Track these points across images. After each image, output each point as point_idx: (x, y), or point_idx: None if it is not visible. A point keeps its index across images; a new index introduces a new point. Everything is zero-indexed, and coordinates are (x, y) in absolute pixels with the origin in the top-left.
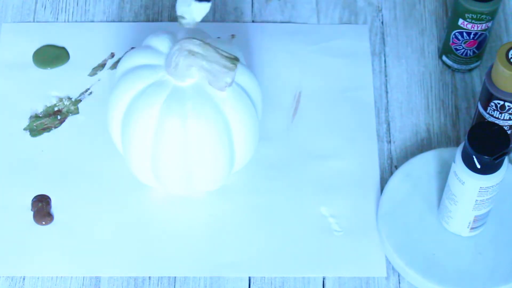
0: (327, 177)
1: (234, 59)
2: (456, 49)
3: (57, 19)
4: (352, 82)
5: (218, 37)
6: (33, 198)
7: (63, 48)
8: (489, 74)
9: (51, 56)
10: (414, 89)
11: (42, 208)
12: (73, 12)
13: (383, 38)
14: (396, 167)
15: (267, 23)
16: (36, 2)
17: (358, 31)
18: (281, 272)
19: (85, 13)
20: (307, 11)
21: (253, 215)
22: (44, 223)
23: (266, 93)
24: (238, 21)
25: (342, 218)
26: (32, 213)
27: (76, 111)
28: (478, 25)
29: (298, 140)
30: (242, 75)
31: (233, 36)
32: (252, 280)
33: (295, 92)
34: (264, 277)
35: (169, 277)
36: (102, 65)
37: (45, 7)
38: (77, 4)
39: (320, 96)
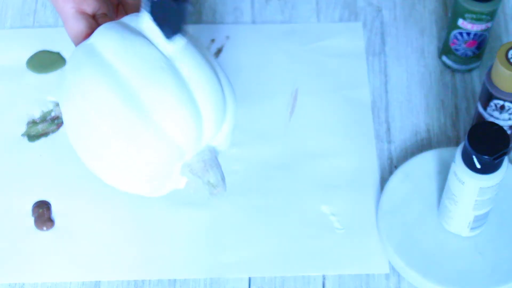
0: (326, 175)
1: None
2: (456, 49)
3: (57, 19)
4: (348, 80)
5: (213, 40)
6: (34, 204)
7: (58, 53)
8: (489, 74)
9: (46, 62)
10: (414, 89)
11: (43, 213)
12: None
13: (383, 38)
14: (396, 167)
15: (263, 24)
16: (36, 2)
17: (352, 28)
18: (281, 272)
19: None
20: (307, 11)
21: (253, 215)
22: (45, 228)
23: (263, 93)
24: (238, 21)
25: (343, 216)
26: (32, 219)
27: None
28: (478, 25)
29: (296, 139)
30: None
31: (226, 38)
32: (252, 280)
33: (291, 91)
34: (264, 277)
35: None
36: None
37: (45, 7)
38: None
39: (316, 95)
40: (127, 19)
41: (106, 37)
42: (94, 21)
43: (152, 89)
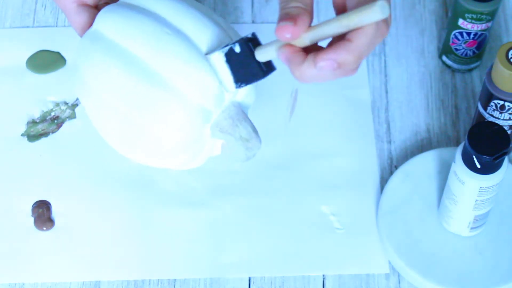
0: (326, 175)
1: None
2: (456, 49)
3: (57, 19)
4: (348, 80)
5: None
6: (33, 204)
7: (58, 53)
8: (489, 74)
9: (46, 61)
10: (414, 89)
11: (42, 213)
12: None
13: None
14: (396, 167)
15: (263, 24)
16: (36, 2)
17: None
18: (282, 272)
19: None
20: None
21: (253, 215)
22: (45, 228)
23: (263, 93)
24: (238, 21)
25: (343, 216)
26: (32, 219)
27: (73, 116)
28: (478, 25)
29: (296, 139)
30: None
31: None
32: (252, 280)
33: (291, 91)
34: (264, 277)
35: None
36: None
37: (45, 7)
38: None
39: (316, 95)
40: None
41: (106, 20)
42: (97, 11)
43: (162, 57)
